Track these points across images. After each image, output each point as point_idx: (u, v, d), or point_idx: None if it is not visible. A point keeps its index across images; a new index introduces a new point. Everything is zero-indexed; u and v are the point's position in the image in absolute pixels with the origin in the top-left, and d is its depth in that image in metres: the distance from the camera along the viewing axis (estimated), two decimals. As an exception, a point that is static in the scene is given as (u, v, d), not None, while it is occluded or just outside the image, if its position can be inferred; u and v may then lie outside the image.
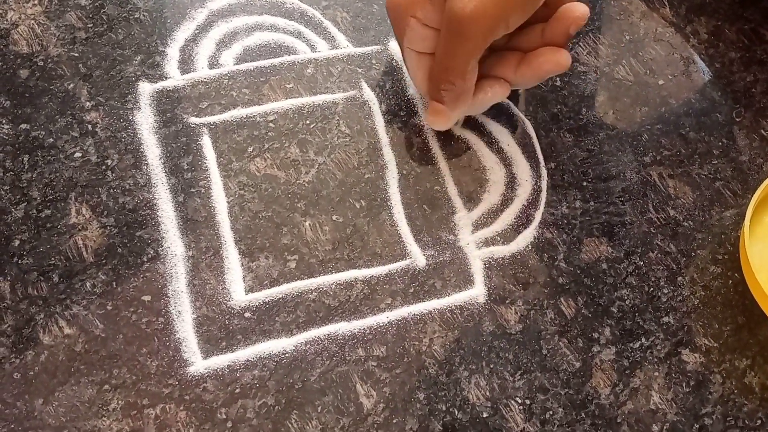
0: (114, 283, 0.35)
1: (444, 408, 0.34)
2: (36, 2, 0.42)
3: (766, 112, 0.43)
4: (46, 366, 0.33)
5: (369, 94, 0.41)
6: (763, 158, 0.42)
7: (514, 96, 0.41)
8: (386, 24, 0.43)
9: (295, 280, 0.36)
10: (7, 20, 0.41)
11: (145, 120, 0.39)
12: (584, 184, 0.40)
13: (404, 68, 0.42)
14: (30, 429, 0.32)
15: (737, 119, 0.43)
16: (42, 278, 0.35)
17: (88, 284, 0.35)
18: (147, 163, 0.38)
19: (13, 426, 0.32)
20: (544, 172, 0.40)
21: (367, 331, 0.35)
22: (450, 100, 0.36)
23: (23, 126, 0.39)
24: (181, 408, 0.33)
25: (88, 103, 0.40)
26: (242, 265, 0.36)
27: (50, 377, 0.33)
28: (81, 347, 0.34)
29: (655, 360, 0.36)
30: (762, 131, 0.42)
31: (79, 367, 0.34)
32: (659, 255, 0.39)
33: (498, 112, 0.41)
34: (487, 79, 0.37)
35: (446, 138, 0.41)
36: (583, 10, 0.35)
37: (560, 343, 0.36)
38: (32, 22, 0.42)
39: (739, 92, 0.44)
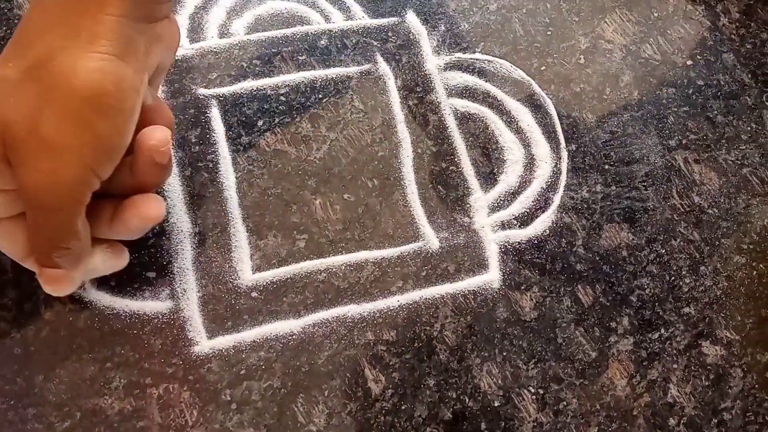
0: (118, 258, 0.34)
1: (454, 395, 0.33)
2: (42, -35, 0.41)
3: (799, 96, 0.41)
4: (48, 341, 0.33)
5: (384, 69, 0.40)
6: (793, 144, 0.40)
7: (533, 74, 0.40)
8: (404, -5, 0.42)
9: (304, 260, 0.35)
10: (11, -17, 0.40)
11: (152, 90, 0.38)
12: (606, 167, 0.39)
13: (421, 42, 0.41)
14: (30, 406, 0.31)
15: (767, 103, 0.41)
16: (44, 251, 0.34)
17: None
18: (154, 135, 0.37)
19: (12, 402, 0.31)
20: (564, 153, 0.39)
21: (377, 315, 0.34)
22: (69, 263, 0.30)
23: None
24: (185, 388, 0.32)
25: (93, 72, 0.38)
26: (250, 243, 0.35)
27: (51, 353, 0.32)
28: (83, 323, 0.33)
29: (674, 352, 0.35)
30: (793, 116, 0.41)
31: (81, 343, 0.33)
32: (682, 243, 0.37)
33: (518, 90, 0.40)
34: (99, 251, 0.31)
35: (463, 116, 0.39)
36: (159, 135, 0.30)
37: (576, 331, 0.35)
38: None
39: (771, 75, 0.42)
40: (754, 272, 0.37)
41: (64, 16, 0.28)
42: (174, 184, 0.36)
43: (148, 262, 0.34)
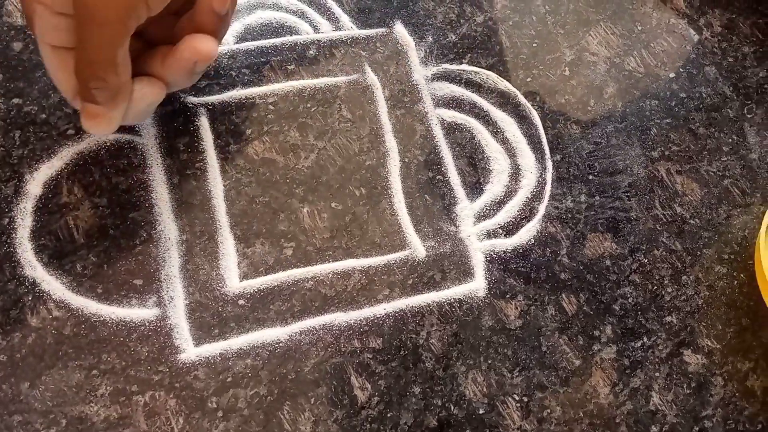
0: (105, 265, 0.34)
1: (440, 403, 0.33)
2: (31, -28, 0.41)
3: (779, 109, 0.42)
4: (34, 349, 0.33)
5: (372, 79, 0.40)
6: (773, 157, 0.41)
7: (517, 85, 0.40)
8: (392, 5, 0.42)
9: (291, 268, 0.35)
10: (0, -10, 0.40)
11: (141, 98, 0.38)
12: (590, 177, 0.39)
13: (408, 52, 0.41)
14: (15, 413, 0.31)
15: (748, 116, 0.42)
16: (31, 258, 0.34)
17: (78, 266, 0.34)
18: (142, 143, 0.37)
19: (-2, 409, 0.31)
20: (549, 164, 0.39)
21: (364, 323, 0.35)
22: (105, 99, 0.31)
23: (15, 101, 0.37)
24: (171, 396, 0.32)
25: (82, 79, 0.38)
26: (237, 250, 0.35)
27: (37, 360, 0.32)
28: (69, 330, 0.33)
29: (657, 360, 0.35)
30: (773, 129, 0.41)
31: (67, 350, 0.33)
32: (664, 253, 0.38)
33: (504, 101, 0.40)
34: (139, 80, 0.33)
35: (450, 127, 0.39)
36: None
37: (560, 340, 0.35)
38: (27, -8, 0.40)
39: (752, 88, 0.43)
40: (735, 282, 0.37)
41: None
42: (162, 191, 0.36)
43: (135, 269, 0.35)
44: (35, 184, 0.36)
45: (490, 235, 0.37)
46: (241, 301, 0.34)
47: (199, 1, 0.32)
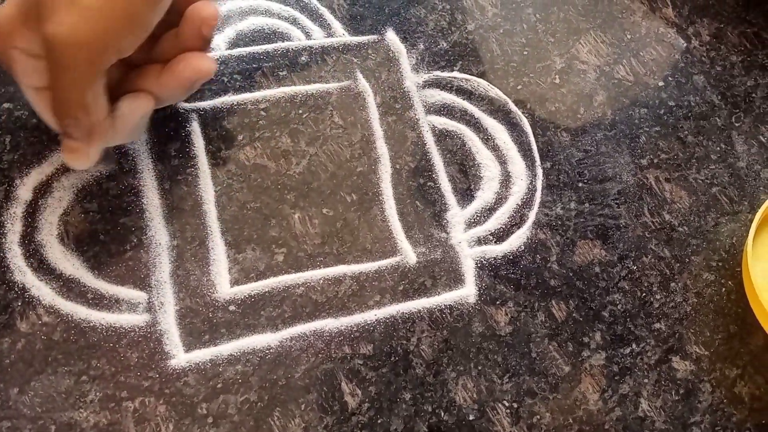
0: (95, 271, 0.34)
1: (430, 409, 0.34)
2: (23, -23, 0.41)
3: (766, 117, 0.42)
4: (23, 354, 0.32)
5: (364, 85, 0.40)
6: (761, 164, 0.41)
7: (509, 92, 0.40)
8: (384, 13, 0.42)
9: (282, 274, 0.35)
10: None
11: (132, 103, 0.38)
12: (580, 185, 0.39)
13: (400, 59, 0.41)
14: (4, 419, 0.31)
15: (736, 124, 0.42)
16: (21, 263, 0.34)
17: (68, 271, 0.34)
18: (133, 148, 0.37)
19: (-14, 415, 0.31)
20: (539, 171, 0.39)
21: (354, 329, 0.35)
22: (80, 135, 0.31)
23: (6, 105, 0.37)
24: (161, 402, 0.32)
25: (73, 84, 0.38)
26: (228, 256, 0.35)
27: (26, 366, 0.32)
28: (59, 336, 0.33)
29: (645, 367, 0.36)
30: (761, 137, 0.42)
31: (56, 356, 0.33)
32: (653, 260, 0.38)
33: (495, 108, 0.41)
34: (125, 97, 0.33)
35: (441, 134, 0.40)
36: (210, 10, 0.32)
37: (550, 346, 0.35)
38: (18, -3, 0.40)
39: (739, 97, 0.43)
40: (723, 289, 0.38)
41: None
42: (152, 196, 0.36)
43: (125, 274, 0.34)
44: (25, 189, 0.36)
45: (481, 241, 0.37)
46: (231, 307, 0.34)
47: (185, 25, 0.32)
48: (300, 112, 0.39)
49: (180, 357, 0.33)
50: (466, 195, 0.38)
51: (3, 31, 0.30)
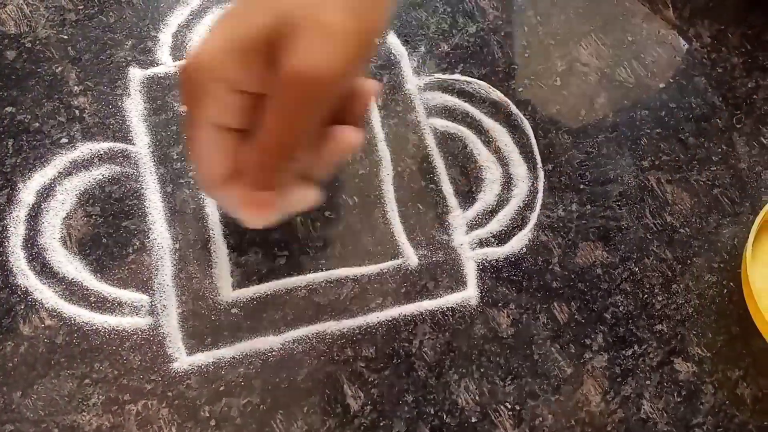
0: (98, 274, 0.34)
1: (432, 411, 0.34)
2: (25, -19, 0.41)
3: (767, 119, 0.42)
4: (26, 358, 0.33)
5: (365, 88, 0.40)
6: (762, 166, 0.41)
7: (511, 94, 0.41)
8: (385, 16, 0.42)
9: (285, 277, 0.35)
10: (-6, -1, 0.40)
11: (134, 107, 0.38)
12: (581, 186, 0.39)
13: (401, 62, 0.41)
14: (7, 422, 0.31)
15: (737, 126, 0.42)
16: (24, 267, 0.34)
17: (70, 274, 0.34)
18: (135, 152, 0.37)
19: (-11, 419, 0.31)
20: (541, 173, 0.39)
21: (357, 331, 0.35)
22: (285, 182, 0.28)
23: (9, 109, 0.37)
24: (164, 405, 0.32)
25: (76, 88, 0.38)
26: (230, 259, 0.36)
27: (29, 369, 0.32)
28: (62, 339, 0.33)
29: (647, 368, 0.36)
30: (762, 138, 0.42)
31: (59, 359, 0.33)
32: (654, 261, 0.38)
33: (496, 111, 0.41)
34: (299, 185, 0.30)
35: (442, 136, 0.40)
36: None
37: (552, 348, 0.35)
38: (21, 2, 0.40)
39: (740, 98, 0.43)
40: (725, 290, 0.38)
41: None
42: (155, 200, 0.36)
43: (127, 278, 0.35)
44: (28, 192, 0.36)
45: (483, 243, 0.37)
46: (234, 310, 0.34)
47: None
48: (302, 115, 0.39)
49: (182, 360, 0.33)
50: (467, 197, 0.38)
51: (210, 63, 0.26)
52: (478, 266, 0.37)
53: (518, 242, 0.38)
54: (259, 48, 0.26)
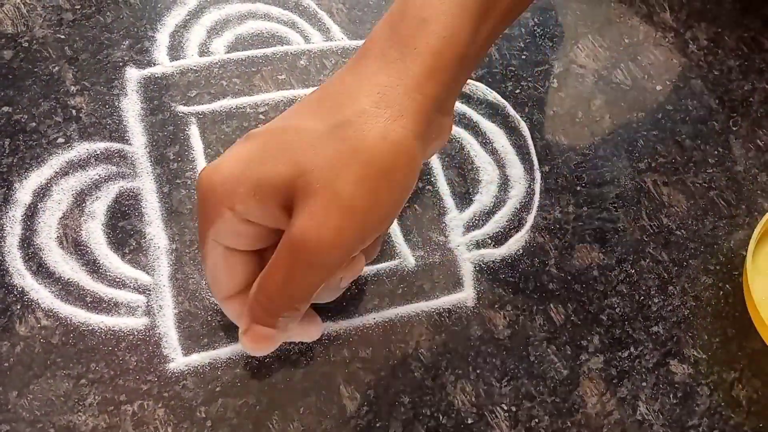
0: (94, 274, 0.34)
1: (428, 413, 0.34)
2: (22, -19, 0.41)
3: (763, 121, 0.43)
4: (22, 358, 0.32)
5: (363, 89, 0.40)
6: (758, 168, 0.41)
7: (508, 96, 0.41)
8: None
9: (281, 278, 0.35)
10: (-9, -2, 0.40)
11: (131, 107, 0.38)
12: (578, 188, 0.39)
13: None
14: (3, 422, 0.31)
15: (734, 128, 0.42)
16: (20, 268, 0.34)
17: (67, 274, 0.34)
18: (132, 152, 0.37)
19: (-16, 419, 0.31)
20: (537, 175, 0.40)
21: (353, 332, 0.35)
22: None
23: (5, 109, 0.37)
24: (160, 405, 0.32)
25: (73, 88, 0.38)
26: (227, 260, 0.35)
27: (26, 369, 0.32)
28: (58, 339, 0.33)
29: (643, 370, 0.36)
30: (758, 141, 0.42)
31: (55, 359, 0.33)
32: (651, 263, 0.38)
33: (493, 112, 0.41)
34: (303, 319, 0.32)
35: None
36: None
37: (548, 349, 0.36)
38: (18, 1, 0.40)
39: (737, 101, 0.43)
40: (721, 292, 0.38)
41: (379, 86, 0.28)
42: (152, 200, 0.36)
43: (124, 278, 0.34)
44: (24, 192, 0.36)
45: (479, 245, 0.37)
46: (230, 311, 0.34)
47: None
48: (299, 115, 0.39)
49: (179, 360, 0.33)
50: (464, 198, 0.39)
51: (225, 189, 0.27)
52: (475, 267, 0.37)
53: (515, 244, 0.38)
54: (276, 193, 0.27)
